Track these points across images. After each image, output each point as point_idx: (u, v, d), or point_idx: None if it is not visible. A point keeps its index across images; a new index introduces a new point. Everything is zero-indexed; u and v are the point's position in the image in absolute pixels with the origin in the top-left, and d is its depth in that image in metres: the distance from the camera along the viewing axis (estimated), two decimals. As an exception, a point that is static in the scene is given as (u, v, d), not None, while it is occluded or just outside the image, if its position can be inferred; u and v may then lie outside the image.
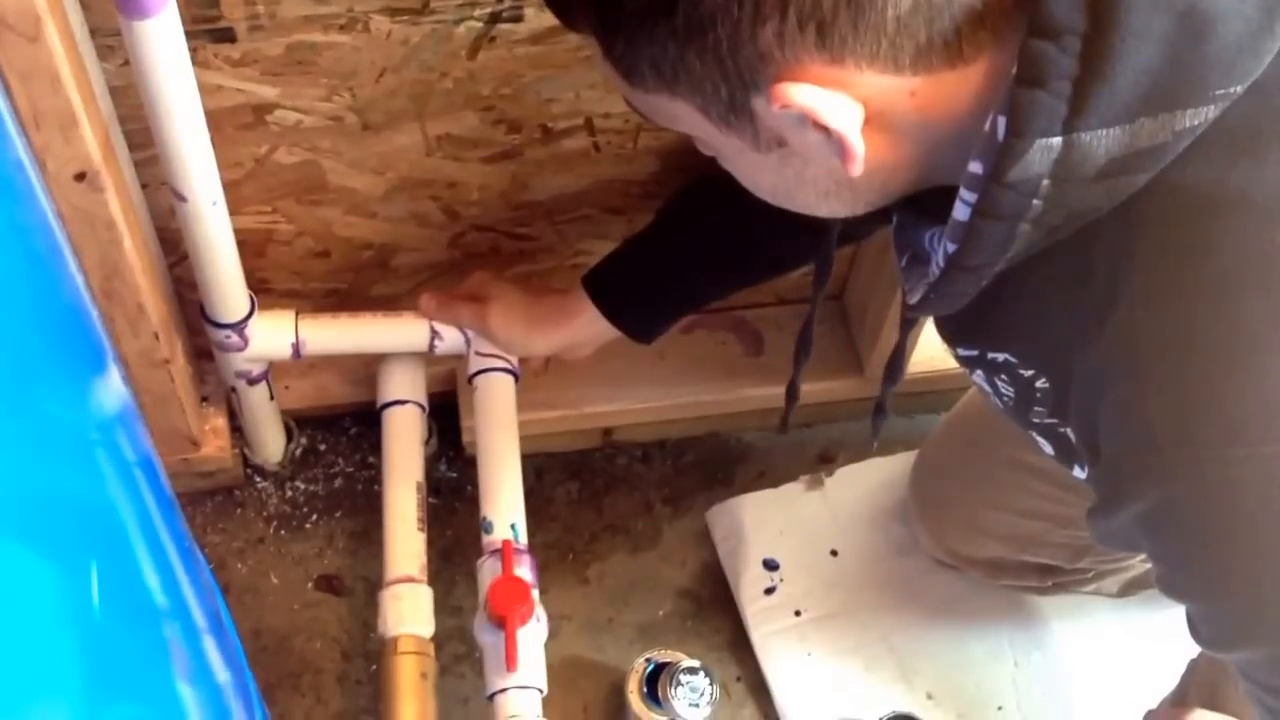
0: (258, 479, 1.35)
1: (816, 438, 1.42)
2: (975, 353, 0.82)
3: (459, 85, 1.04)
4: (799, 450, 1.41)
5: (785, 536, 1.34)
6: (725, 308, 1.34)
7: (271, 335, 1.15)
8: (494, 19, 0.99)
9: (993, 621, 1.31)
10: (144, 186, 1.07)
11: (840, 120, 0.64)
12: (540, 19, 1.00)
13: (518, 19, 0.99)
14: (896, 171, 0.70)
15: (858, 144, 0.65)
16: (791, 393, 1.12)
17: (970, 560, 1.27)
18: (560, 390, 1.31)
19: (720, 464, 1.41)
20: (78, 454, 0.64)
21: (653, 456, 1.41)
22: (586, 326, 1.13)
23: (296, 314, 1.16)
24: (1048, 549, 1.21)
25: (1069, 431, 0.77)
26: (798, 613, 1.30)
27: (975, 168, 0.65)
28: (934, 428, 1.31)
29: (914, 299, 0.77)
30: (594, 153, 1.13)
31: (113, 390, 0.76)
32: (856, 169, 0.66)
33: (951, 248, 0.69)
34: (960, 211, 0.67)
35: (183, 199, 0.99)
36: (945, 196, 0.69)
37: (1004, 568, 1.25)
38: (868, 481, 1.37)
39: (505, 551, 1.11)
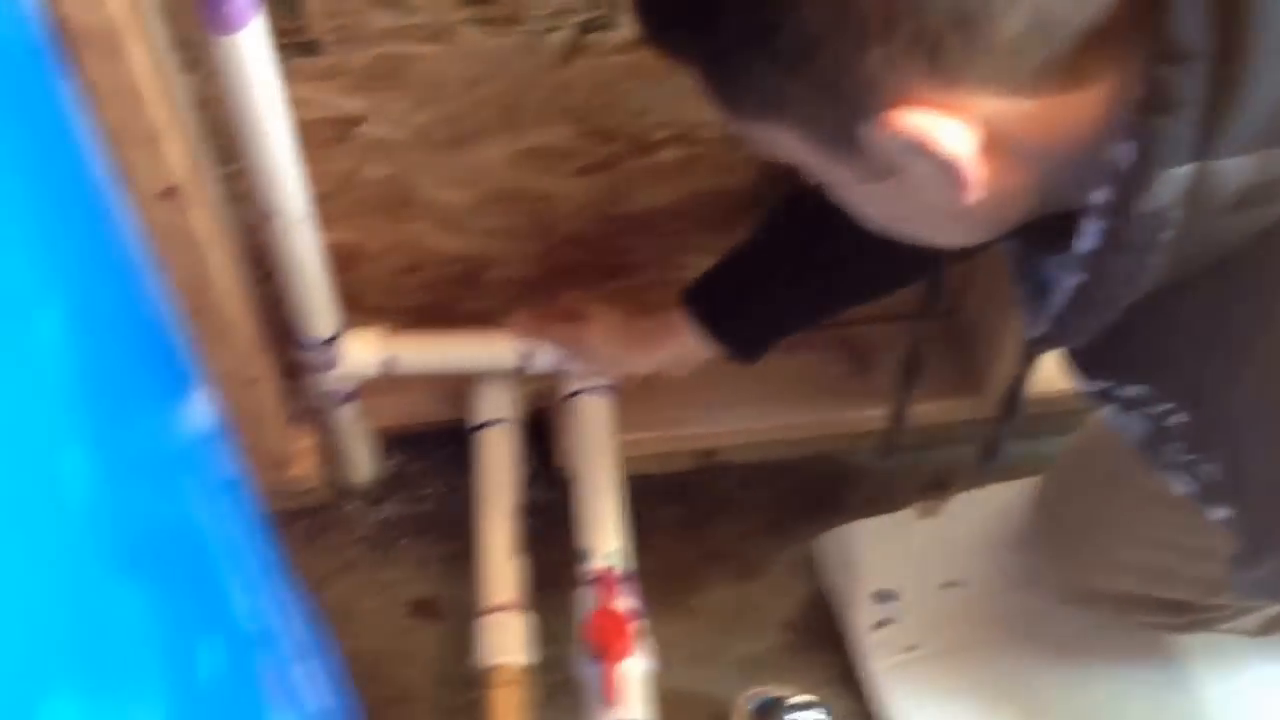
0: (348, 500, 1.39)
1: (930, 462, 1.42)
2: (1105, 388, 0.81)
3: (550, 96, 1.07)
4: (912, 475, 1.41)
5: (898, 567, 1.34)
6: (831, 324, 1.35)
7: (361, 353, 1.19)
8: (586, 28, 1.02)
9: (1122, 660, 1.30)
10: (232, 202, 1.11)
11: (953, 146, 0.64)
12: (633, 27, 1.02)
13: (610, 27, 1.02)
14: (1014, 198, 0.70)
15: (973, 171, 0.65)
16: (897, 416, 1.12)
17: (1098, 595, 1.25)
18: (659, 410, 1.33)
19: (828, 489, 1.42)
20: (167, 476, 0.66)
21: (756, 480, 1.42)
22: (686, 345, 1.14)
23: (386, 331, 1.19)
24: (1181, 584, 1.19)
25: (1211, 469, 0.76)
26: (912, 648, 1.30)
27: (1100, 196, 0.65)
28: (1060, 454, 1.30)
29: (1036, 333, 0.77)
30: (691, 164, 1.15)
31: (202, 410, 0.79)
32: (973, 196, 0.67)
33: (1077, 279, 0.69)
34: (1086, 242, 0.67)
35: (271, 215, 1.02)
36: (1065, 223, 0.69)
37: (1134, 603, 1.24)
38: (986, 509, 1.37)
39: (603, 581, 1.13)
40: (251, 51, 0.89)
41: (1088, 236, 0.67)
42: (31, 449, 0.46)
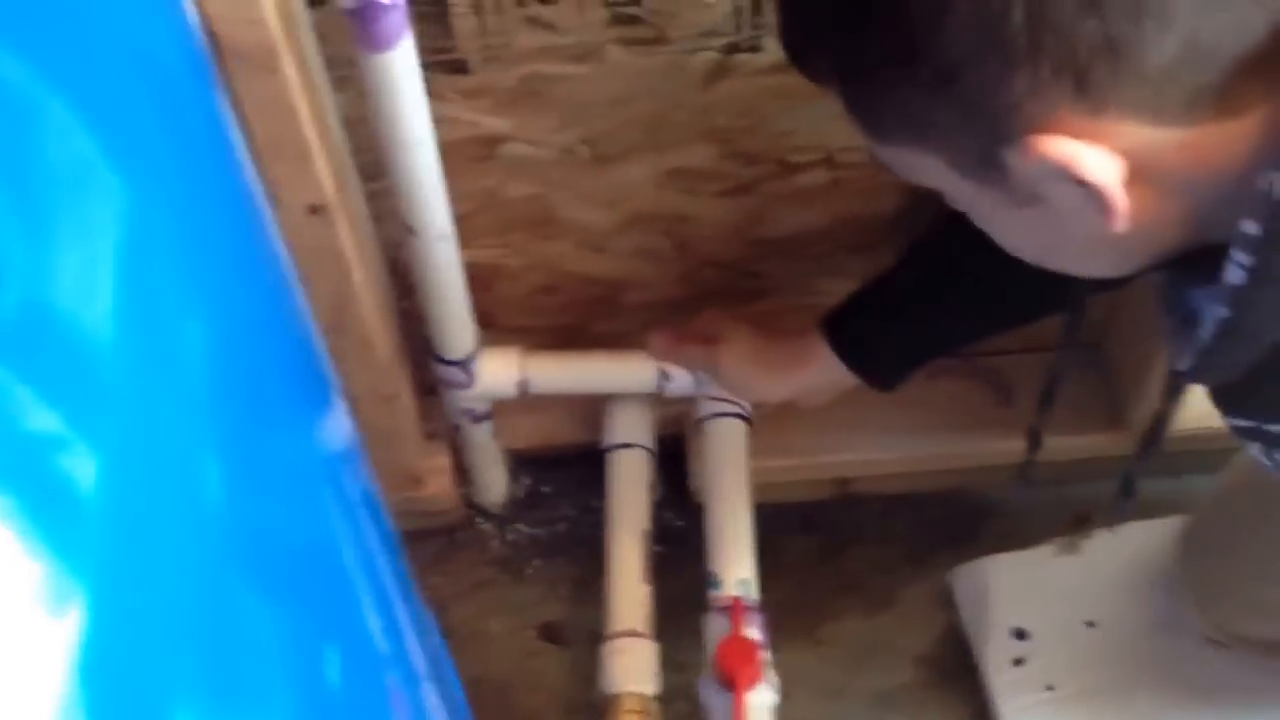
0: (479, 520, 1.40)
1: (1071, 497, 1.40)
2: (1252, 424, 0.80)
3: (694, 117, 1.07)
4: (1052, 510, 1.39)
5: (1036, 603, 1.32)
6: (974, 353, 1.34)
7: (498, 372, 1.20)
8: (732, 49, 1.02)
9: (1270, 707, 1.27)
10: (375, 219, 1.13)
11: (1100, 174, 0.63)
12: (779, 50, 1.02)
13: (756, 49, 1.02)
14: (1164, 229, 0.69)
15: (1120, 198, 0.64)
16: (1034, 442, 1.11)
17: (1245, 640, 1.23)
18: (794, 437, 1.32)
19: (965, 521, 1.40)
20: (304, 491, 0.67)
21: (892, 511, 1.41)
22: (824, 372, 1.14)
23: (523, 351, 1.20)
24: (1332, 630, 1.17)
25: None
26: (1050, 687, 1.28)
27: (1249, 228, 0.64)
28: (1208, 493, 1.27)
29: (1182, 365, 0.76)
30: (834, 187, 1.15)
31: (339, 426, 0.80)
32: (1120, 225, 0.66)
33: (1224, 313, 0.68)
34: (1234, 274, 0.66)
35: (413, 232, 1.04)
36: (1217, 255, 0.68)
37: (1281, 649, 1.21)
38: (1129, 547, 1.34)
39: (734, 609, 1.12)
40: (401, 70, 0.91)
41: (1235, 269, 0.66)
42: (170, 457, 0.47)
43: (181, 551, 0.46)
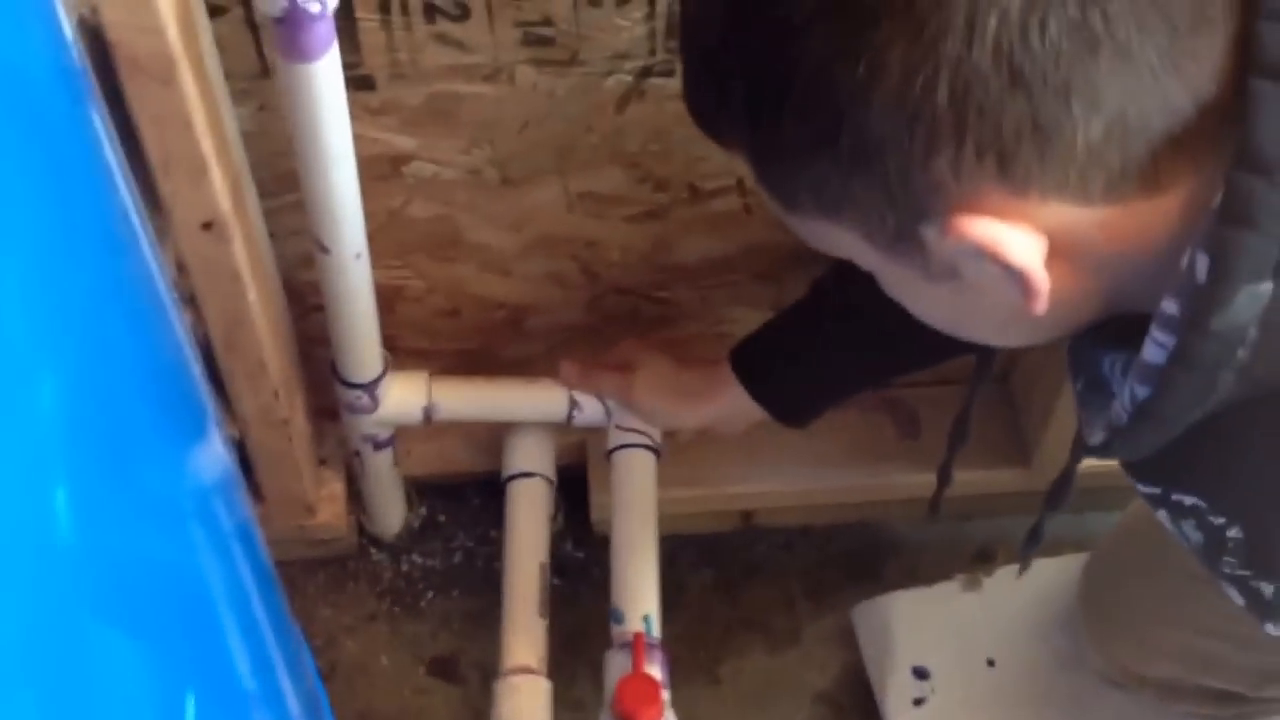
0: (373, 550, 1.37)
1: (975, 532, 1.41)
2: (1158, 491, 0.79)
3: (605, 140, 1.06)
4: (955, 545, 1.40)
5: (938, 641, 1.32)
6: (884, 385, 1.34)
7: (403, 398, 1.18)
8: (645, 72, 1.01)
9: (1165, 749, 1.28)
10: (272, 236, 1.11)
11: (1022, 255, 0.62)
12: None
13: (670, 73, 1.01)
14: (1082, 303, 0.69)
15: (1042, 280, 0.63)
16: (943, 477, 1.11)
17: (1143, 680, 1.24)
18: (699, 467, 1.31)
19: (868, 556, 1.40)
20: (168, 525, 0.65)
21: (795, 544, 1.40)
22: (735, 402, 1.13)
23: (429, 376, 1.18)
24: (1228, 672, 1.17)
25: (1263, 587, 0.75)
26: (949, 727, 1.28)
27: (1171, 308, 0.63)
28: (1108, 531, 1.28)
29: (1094, 439, 0.75)
30: (745, 215, 1.15)
31: (213, 456, 0.78)
32: (1040, 306, 0.65)
33: (1142, 392, 0.67)
34: (1153, 353, 0.65)
35: (326, 250, 1.01)
36: (1128, 323, 0.68)
37: (1180, 691, 1.22)
38: (1031, 585, 1.34)
39: (636, 646, 1.11)
40: (325, 82, 0.89)
41: (1154, 348, 0.65)
42: (12, 490, 0.44)
43: (24, 585, 0.44)
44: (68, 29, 0.64)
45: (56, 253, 0.53)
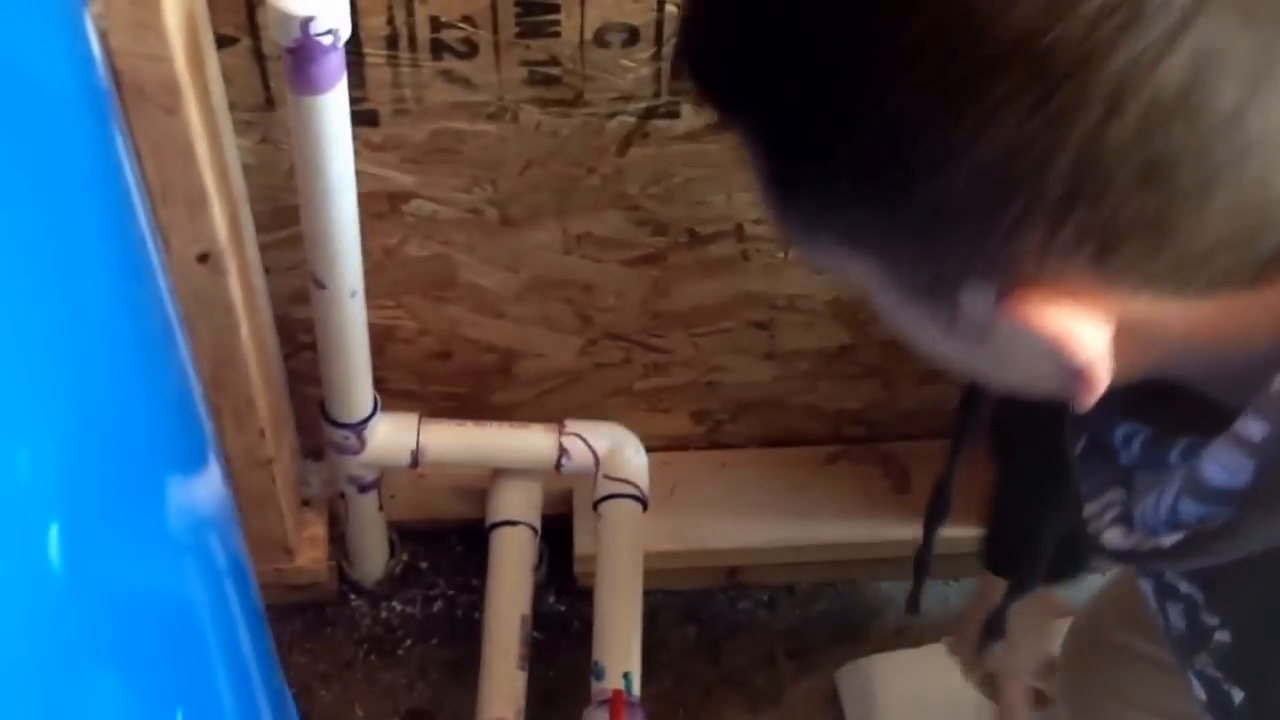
0: (352, 596, 1.37)
1: (964, 593, 1.41)
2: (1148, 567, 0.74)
3: (605, 182, 1.07)
4: (944, 607, 1.40)
5: (923, 705, 1.32)
6: (871, 440, 1.35)
7: (392, 440, 1.18)
8: (649, 114, 1.03)
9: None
10: (267, 272, 1.11)
11: (1091, 352, 0.53)
12: (697, 117, 1.02)
13: (674, 115, 1.03)
14: (1129, 375, 0.58)
15: (1103, 373, 0.54)
16: (921, 566, 1.06)
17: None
18: (684, 522, 1.31)
19: (854, 616, 1.40)
20: (167, 559, 0.65)
21: (780, 602, 1.40)
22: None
23: (420, 418, 1.18)
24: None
25: (1234, 692, 0.70)
26: (932, 797, 1.28)
27: (1254, 430, 0.55)
28: (1087, 602, 1.28)
29: (1110, 538, 0.66)
30: (742, 261, 1.16)
31: (212, 490, 0.77)
32: (1092, 400, 0.56)
33: (1191, 512, 0.60)
34: (1217, 475, 0.57)
35: (322, 286, 1.02)
36: (1157, 390, 0.61)
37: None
38: (1017, 647, 1.35)
39: (615, 703, 1.11)
40: (333, 114, 0.90)
41: (1218, 471, 0.58)
42: (6, 520, 0.44)
43: (15, 620, 0.44)
44: (96, 48, 0.64)
45: (66, 275, 0.53)
